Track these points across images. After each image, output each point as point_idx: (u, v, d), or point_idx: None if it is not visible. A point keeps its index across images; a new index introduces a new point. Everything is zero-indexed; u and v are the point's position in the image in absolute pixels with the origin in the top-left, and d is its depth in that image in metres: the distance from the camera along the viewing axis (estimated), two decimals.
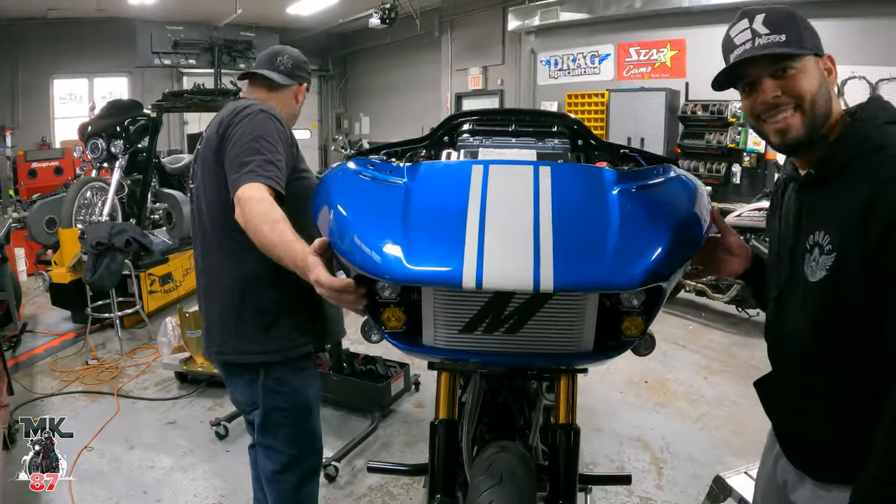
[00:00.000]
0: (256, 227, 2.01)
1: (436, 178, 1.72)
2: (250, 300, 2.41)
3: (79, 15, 14.67)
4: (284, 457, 2.55)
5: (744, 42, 1.57)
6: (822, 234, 1.53)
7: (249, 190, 2.10)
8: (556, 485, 1.82)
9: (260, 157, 2.19)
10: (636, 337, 1.63)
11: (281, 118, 2.39)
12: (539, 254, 1.44)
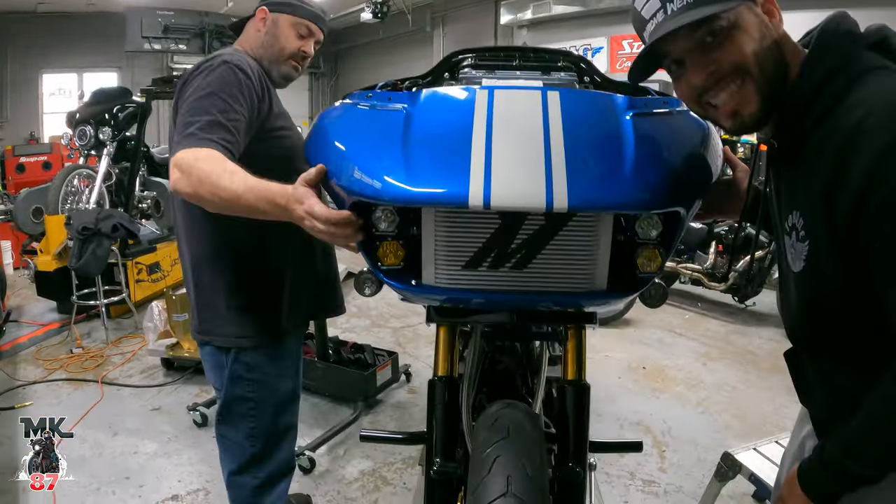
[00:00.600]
0: (211, 184, 1.74)
1: (438, 102, 1.58)
2: (216, 276, 2.24)
3: (68, 9, 14.56)
4: (243, 454, 2.37)
5: (654, 14, 1.31)
6: (798, 215, 1.36)
7: (185, 154, 1.84)
8: (565, 447, 1.70)
9: (205, 118, 1.93)
10: (653, 273, 1.50)
11: (248, 67, 2.11)
12: (551, 172, 1.31)
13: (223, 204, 1.76)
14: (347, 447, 3.90)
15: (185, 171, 1.80)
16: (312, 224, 1.51)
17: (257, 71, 2.16)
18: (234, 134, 1.96)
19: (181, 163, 1.82)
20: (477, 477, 1.41)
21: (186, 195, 1.83)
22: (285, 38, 2.30)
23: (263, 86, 2.16)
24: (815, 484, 1.38)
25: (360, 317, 6.40)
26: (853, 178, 1.16)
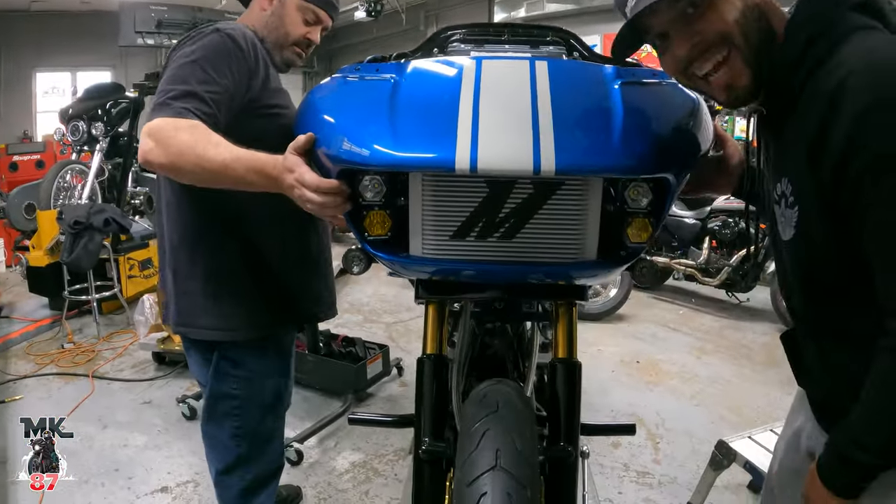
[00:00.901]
0: (196, 155, 1.67)
1: (426, 71, 1.56)
2: (195, 260, 2.13)
3: (62, 7, 14.50)
4: (229, 454, 2.29)
5: None
6: (786, 182, 1.34)
7: (162, 123, 1.74)
8: (556, 426, 1.67)
9: (181, 88, 1.80)
10: (643, 243, 1.48)
11: (243, 38, 1.97)
12: (539, 137, 1.29)
13: (207, 175, 1.70)
14: (338, 439, 3.88)
15: (162, 141, 1.71)
16: (301, 192, 1.49)
17: (253, 43, 2.03)
18: (210, 106, 1.83)
19: (156, 132, 1.72)
20: (465, 452, 1.39)
21: (159, 166, 1.74)
22: (291, 22, 2.16)
23: (258, 59, 2.03)
24: (832, 477, 1.35)
25: (353, 312, 6.38)
26: (834, 142, 1.15)
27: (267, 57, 2.11)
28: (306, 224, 2.22)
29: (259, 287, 2.17)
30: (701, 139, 1.49)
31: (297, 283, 2.27)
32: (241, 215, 2.08)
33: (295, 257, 2.25)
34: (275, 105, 2.09)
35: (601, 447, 3.72)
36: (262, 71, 2.03)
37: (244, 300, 2.15)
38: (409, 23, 14.16)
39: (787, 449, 1.78)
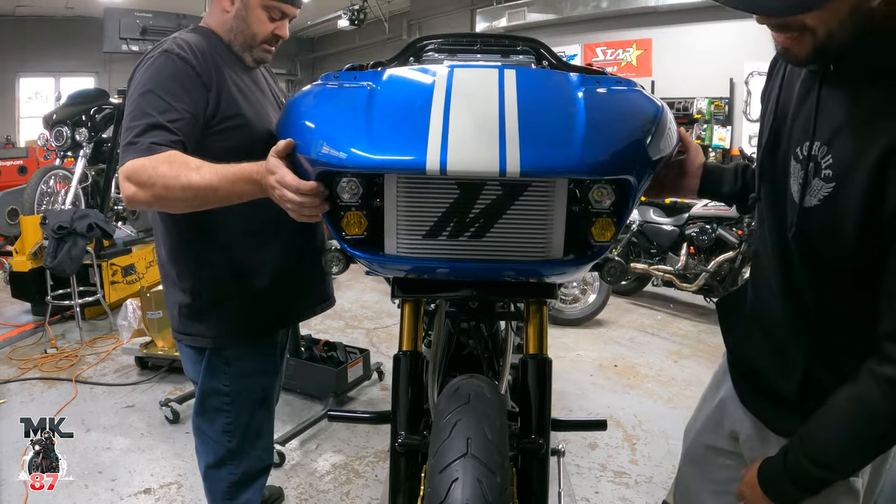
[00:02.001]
0: (181, 185, 1.72)
1: (400, 79, 1.64)
2: (188, 271, 2.16)
3: (46, 13, 14.52)
4: (219, 448, 2.31)
5: None
6: (824, 149, 1.29)
7: (139, 164, 1.77)
8: (527, 420, 1.74)
9: (144, 122, 1.83)
10: (607, 242, 1.55)
11: (191, 52, 1.95)
12: (505, 140, 1.36)
13: (198, 201, 1.77)
14: (319, 441, 3.92)
15: (144, 181, 1.76)
16: (282, 193, 1.55)
17: (203, 53, 1.99)
18: (176, 133, 1.85)
19: (134, 174, 1.77)
20: (438, 441, 1.46)
21: (148, 205, 1.81)
22: (257, 22, 2.10)
23: (211, 69, 1.99)
24: (779, 492, 1.41)
25: (335, 318, 6.42)
26: None
27: (225, 63, 2.08)
28: (292, 226, 2.22)
29: (249, 293, 2.19)
30: (663, 143, 1.56)
31: (288, 285, 2.28)
32: (222, 226, 2.09)
33: (283, 260, 2.26)
34: (236, 115, 2.04)
35: (579, 448, 3.79)
36: (216, 80, 2.00)
37: (235, 308, 2.19)
38: (391, 31, 14.25)
39: (707, 424, 1.84)
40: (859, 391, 1.27)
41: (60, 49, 15.11)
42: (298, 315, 2.53)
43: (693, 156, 1.86)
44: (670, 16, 9.49)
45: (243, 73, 2.16)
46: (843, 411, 1.30)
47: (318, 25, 15.33)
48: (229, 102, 2.03)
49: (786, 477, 1.39)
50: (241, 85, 2.11)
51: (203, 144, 1.95)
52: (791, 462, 1.38)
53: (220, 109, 2.00)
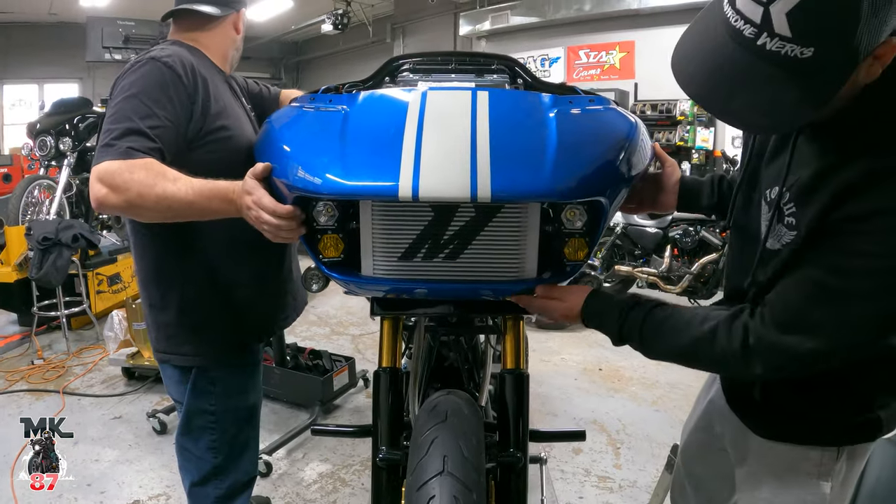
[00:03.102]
0: (156, 195, 1.70)
1: (374, 102, 1.67)
2: (166, 294, 2.15)
3: (29, 19, 14.46)
4: (204, 465, 2.30)
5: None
6: (787, 196, 1.34)
7: (114, 166, 1.73)
8: (505, 434, 1.78)
9: (124, 126, 1.79)
10: (580, 262, 1.59)
11: (180, 64, 1.95)
12: (476, 165, 1.40)
13: (170, 213, 1.76)
14: (306, 451, 3.94)
15: (117, 185, 1.71)
16: (259, 214, 1.58)
17: (192, 67, 2.00)
18: (155, 141, 1.83)
19: (108, 176, 1.72)
20: (416, 458, 1.49)
21: (118, 209, 1.77)
22: (240, 38, 2.31)
23: (198, 83, 2.00)
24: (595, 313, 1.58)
25: (320, 325, 6.44)
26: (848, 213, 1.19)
27: (209, 76, 2.09)
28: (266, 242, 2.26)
29: (233, 310, 2.20)
30: (635, 161, 1.59)
31: (269, 298, 2.31)
32: (204, 242, 2.09)
33: (264, 274, 2.28)
34: (220, 127, 2.06)
35: (563, 453, 3.82)
36: (202, 94, 2.00)
37: (220, 326, 2.19)
38: (375, 35, 14.26)
39: (697, 425, 1.90)
40: (720, 322, 1.36)
41: (44, 56, 15.04)
42: (278, 326, 2.56)
43: (669, 171, 1.89)
44: (653, 18, 9.56)
45: (222, 83, 2.19)
46: (695, 326, 1.40)
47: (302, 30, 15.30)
48: (215, 116, 2.03)
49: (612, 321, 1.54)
50: (225, 98, 2.13)
51: (187, 157, 1.93)
52: (632, 320, 1.51)
53: (207, 123, 2.00)
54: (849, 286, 1.19)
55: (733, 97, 1.14)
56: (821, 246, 1.23)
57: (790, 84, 1.08)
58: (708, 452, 1.81)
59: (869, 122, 1.20)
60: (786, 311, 1.28)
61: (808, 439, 1.48)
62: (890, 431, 1.47)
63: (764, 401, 1.54)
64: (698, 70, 1.17)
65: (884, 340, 1.25)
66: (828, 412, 1.45)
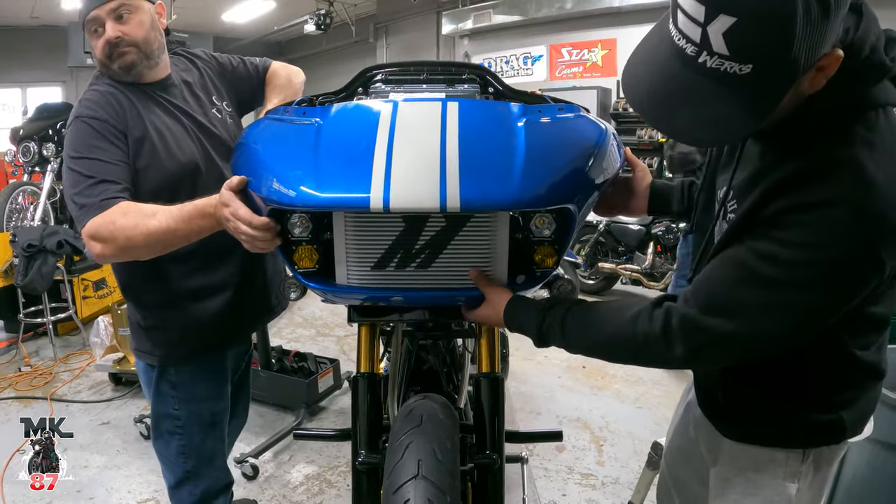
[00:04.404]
0: (141, 234, 1.80)
1: (346, 115, 1.71)
2: (137, 295, 2.25)
3: (11, 23, 14.40)
4: (177, 469, 2.37)
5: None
6: (732, 194, 1.42)
7: (98, 222, 1.84)
8: (482, 436, 1.82)
9: (88, 183, 1.90)
10: (550, 269, 1.63)
11: (100, 107, 2.01)
12: (445, 176, 1.43)
13: (161, 245, 1.85)
14: (292, 453, 3.98)
15: (107, 238, 1.84)
16: (236, 225, 1.62)
17: (113, 104, 2.05)
18: (120, 183, 1.94)
19: (96, 232, 1.84)
20: (392, 463, 1.53)
21: (117, 258, 1.92)
22: (96, 50, 2.10)
23: (124, 115, 2.05)
24: (516, 315, 1.58)
25: (306, 326, 6.48)
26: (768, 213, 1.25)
27: (137, 99, 2.10)
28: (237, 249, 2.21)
29: (194, 314, 2.24)
30: (604, 167, 1.62)
31: (233, 305, 2.31)
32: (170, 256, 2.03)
33: (228, 281, 2.30)
34: (150, 155, 2.07)
35: (546, 451, 3.87)
36: (129, 126, 2.05)
37: (179, 329, 2.23)
38: (358, 35, 14.27)
39: (677, 429, 1.94)
40: (642, 309, 1.39)
41: (26, 59, 14.97)
42: (247, 331, 2.60)
43: (640, 176, 1.93)
44: (635, 16, 9.60)
45: (157, 107, 2.15)
46: (619, 314, 1.43)
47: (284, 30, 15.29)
48: (145, 145, 2.06)
49: (532, 320, 1.55)
50: (158, 124, 2.12)
51: (145, 176, 2.05)
52: (552, 317, 1.53)
53: (135, 152, 2.05)
54: (779, 274, 1.22)
55: (679, 114, 1.19)
56: (753, 234, 1.27)
57: (732, 99, 1.12)
58: (688, 456, 1.85)
59: (809, 129, 1.25)
60: (711, 292, 1.31)
61: (774, 441, 1.52)
62: (856, 435, 1.51)
63: (727, 402, 1.58)
64: (646, 88, 1.22)
65: (803, 332, 1.29)
66: (789, 414, 1.48)
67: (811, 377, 1.44)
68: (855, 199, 1.16)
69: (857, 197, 1.16)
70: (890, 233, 1.17)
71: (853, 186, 1.17)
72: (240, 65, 2.52)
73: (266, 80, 2.57)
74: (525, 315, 1.58)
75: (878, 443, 2.48)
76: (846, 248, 1.18)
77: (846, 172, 1.18)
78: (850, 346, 1.40)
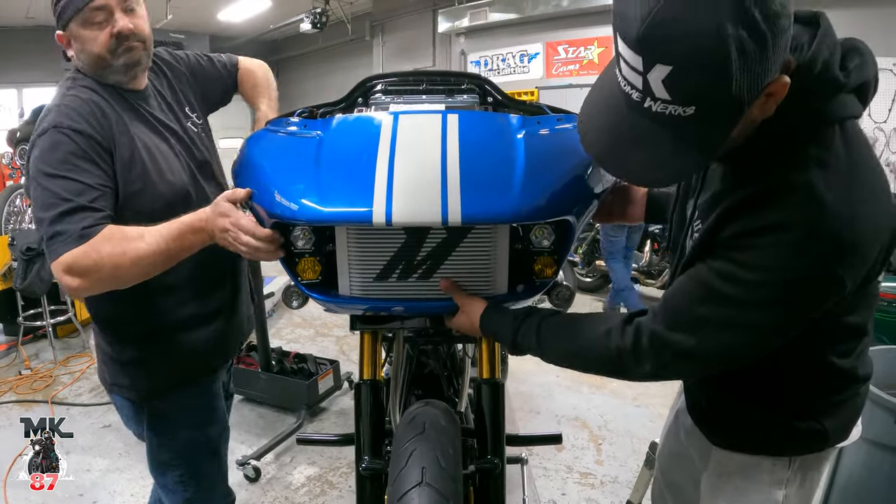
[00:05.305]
0: (130, 261, 1.66)
1: (347, 128, 1.74)
2: (123, 329, 2.05)
3: (6, 23, 14.32)
4: (177, 497, 2.22)
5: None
6: (696, 215, 1.47)
7: (76, 256, 1.65)
8: (483, 441, 1.85)
9: (61, 208, 1.67)
10: (549, 279, 1.66)
11: (81, 119, 1.78)
12: (446, 190, 1.46)
13: (150, 269, 1.71)
14: (293, 454, 4.00)
15: (89, 270, 1.66)
16: (237, 236, 1.60)
17: (97, 114, 1.83)
18: (100, 210, 1.73)
19: (75, 266, 1.66)
20: (396, 470, 1.56)
21: (97, 291, 1.73)
22: (92, 43, 1.86)
23: (110, 127, 1.84)
24: (491, 322, 1.61)
25: (305, 327, 6.52)
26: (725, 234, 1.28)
27: (120, 107, 1.91)
28: (212, 277, 2.16)
29: (177, 347, 2.10)
30: (602, 178, 1.66)
31: (213, 333, 2.18)
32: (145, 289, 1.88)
33: (216, 310, 2.19)
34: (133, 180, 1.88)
35: (545, 451, 3.91)
36: (115, 128, 1.85)
37: (161, 361, 2.08)
38: (354, 33, 14.23)
39: (669, 433, 1.98)
40: (616, 324, 1.42)
41: (22, 59, 14.89)
42: (230, 354, 2.40)
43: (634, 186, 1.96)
44: None
45: (141, 121, 1.97)
46: (593, 327, 1.46)
47: (280, 29, 15.25)
48: (136, 166, 1.88)
49: (507, 328, 1.58)
50: (147, 141, 1.94)
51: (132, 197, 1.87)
52: (528, 325, 1.55)
53: (125, 173, 1.85)
54: (738, 293, 1.25)
55: (630, 156, 1.22)
56: (714, 255, 1.31)
57: (679, 139, 1.16)
58: (681, 459, 1.88)
59: (764, 152, 1.28)
60: (676, 309, 1.35)
61: (759, 449, 1.55)
62: (840, 441, 1.54)
63: (711, 410, 1.62)
64: (598, 132, 1.26)
65: (763, 346, 1.31)
66: (770, 422, 1.51)
67: (790, 385, 1.47)
68: (807, 222, 1.19)
69: (809, 219, 1.19)
70: (847, 251, 1.20)
71: (805, 209, 1.20)
72: (209, 64, 2.35)
73: (240, 80, 2.42)
74: (500, 322, 1.60)
75: (874, 443, 2.51)
76: (802, 269, 1.21)
77: (798, 195, 1.21)
78: (829, 355, 1.43)
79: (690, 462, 1.79)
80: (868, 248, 1.23)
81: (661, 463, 2.05)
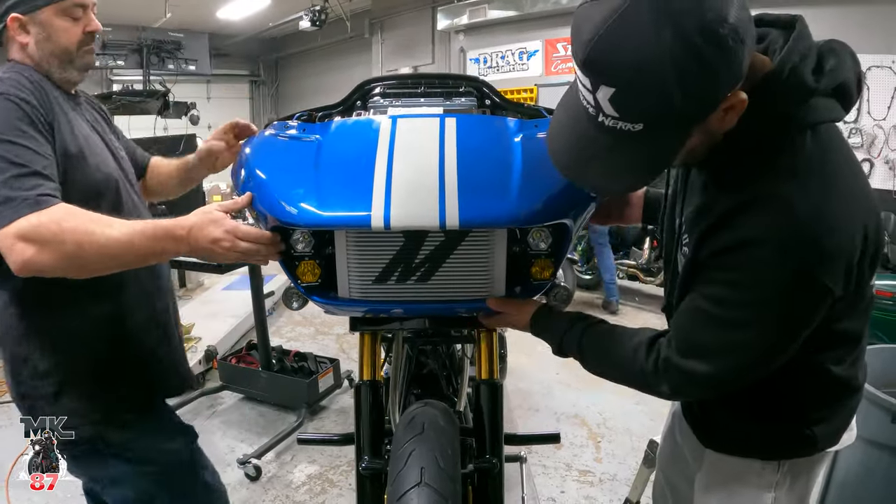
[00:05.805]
0: (97, 244, 1.51)
1: (346, 132, 1.75)
2: (44, 358, 1.83)
3: None
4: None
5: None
6: (683, 227, 1.48)
7: (36, 220, 1.48)
8: (481, 441, 1.86)
9: (15, 171, 1.53)
10: (546, 280, 1.68)
11: (28, 90, 1.67)
12: (444, 193, 1.47)
13: (112, 262, 1.58)
14: (294, 453, 4.01)
15: (48, 240, 1.48)
16: (234, 243, 1.59)
17: (40, 87, 1.74)
18: (53, 181, 1.60)
19: (33, 232, 1.48)
20: (395, 470, 1.58)
21: (52, 269, 1.52)
22: (64, 34, 1.81)
23: (50, 109, 1.72)
24: (541, 325, 1.67)
25: (305, 325, 6.53)
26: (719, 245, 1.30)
27: (56, 99, 1.79)
28: (140, 300, 1.98)
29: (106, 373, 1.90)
30: None
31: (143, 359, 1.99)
32: (64, 304, 1.80)
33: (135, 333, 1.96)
34: (76, 155, 1.77)
35: (545, 448, 3.92)
36: (55, 121, 1.73)
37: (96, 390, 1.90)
38: (353, 30, 14.23)
39: (668, 433, 2.00)
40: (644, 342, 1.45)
41: None
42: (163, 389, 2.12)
43: None
44: None
45: (71, 109, 1.86)
46: (626, 343, 1.48)
47: (279, 27, 15.26)
48: (72, 148, 1.75)
49: (555, 333, 1.64)
50: (75, 123, 1.83)
51: (71, 184, 1.71)
52: (573, 333, 1.60)
53: (62, 152, 1.72)
54: (725, 314, 1.29)
55: (591, 167, 1.27)
56: (702, 276, 1.35)
57: (632, 152, 1.20)
58: (677, 460, 1.90)
59: (729, 165, 1.32)
60: (682, 337, 1.38)
61: (748, 452, 1.56)
62: (831, 446, 1.55)
63: (702, 413, 1.64)
64: (563, 144, 1.31)
65: (768, 364, 1.34)
66: (760, 427, 1.53)
67: (781, 392, 1.47)
68: (782, 234, 1.21)
69: (781, 232, 1.21)
70: (827, 258, 1.22)
71: (776, 222, 1.22)
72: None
73: (149, 168, 2.34)
74: (553, 325, 1.65)
75: (871, 442, 2.52)
76: (781, 283, 1.23)
77: (771, 208, 1.23)
78: (824, 363, 1.43)
79: (685, 462, 1.82)
80: (850, 252, 1.24)
81: (661, 461, 2.07)
